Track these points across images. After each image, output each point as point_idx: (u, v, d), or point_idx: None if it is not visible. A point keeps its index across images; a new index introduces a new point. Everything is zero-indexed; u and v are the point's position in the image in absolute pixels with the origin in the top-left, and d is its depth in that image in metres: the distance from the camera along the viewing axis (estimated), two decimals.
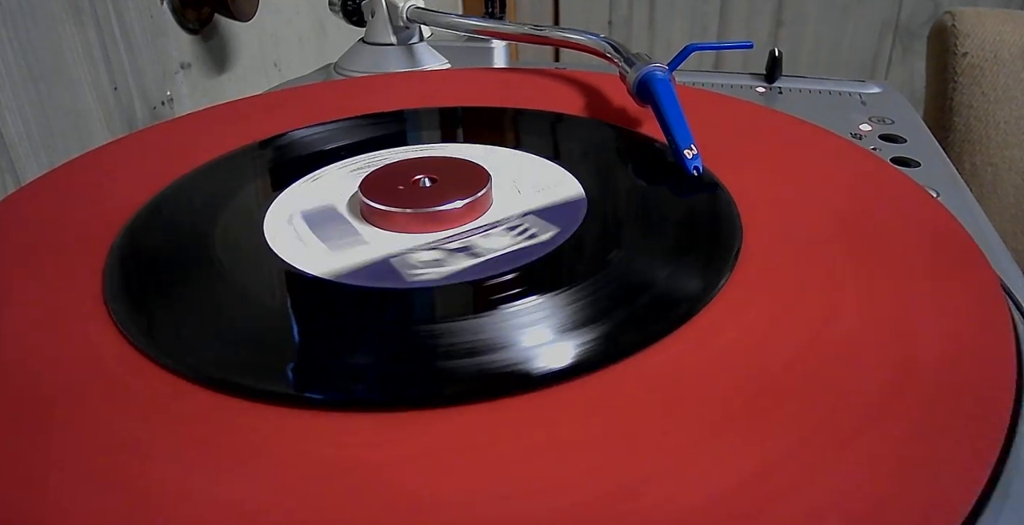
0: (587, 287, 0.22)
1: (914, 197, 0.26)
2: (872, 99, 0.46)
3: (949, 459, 0.16)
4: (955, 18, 0.66)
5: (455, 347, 0.19)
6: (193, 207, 0.27)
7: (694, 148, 0.28)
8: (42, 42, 0.41)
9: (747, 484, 0.15)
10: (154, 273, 0.24)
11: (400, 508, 0.15)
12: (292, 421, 0.18)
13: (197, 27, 0.53)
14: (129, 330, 0.21)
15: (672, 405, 0.18)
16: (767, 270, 0.22)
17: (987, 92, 0.65)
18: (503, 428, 0.17)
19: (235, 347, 0.20)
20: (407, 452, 0.17)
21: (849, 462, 0.16)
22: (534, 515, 0.15)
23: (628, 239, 0.24)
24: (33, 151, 0.41)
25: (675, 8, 1.19)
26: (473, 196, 0.26)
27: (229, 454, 0.17)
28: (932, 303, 0.21)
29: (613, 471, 0.16)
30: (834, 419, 0.17)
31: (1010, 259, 0.28)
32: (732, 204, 0.26)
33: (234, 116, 0.36)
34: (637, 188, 0.28)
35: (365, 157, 0.31)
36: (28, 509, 0.16)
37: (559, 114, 0.35)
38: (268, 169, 0.30)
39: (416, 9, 0.47)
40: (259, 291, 0.22)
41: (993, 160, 0.66)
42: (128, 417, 0.18)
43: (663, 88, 0.31)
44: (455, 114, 0.35)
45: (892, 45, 1.15)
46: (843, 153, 0.30)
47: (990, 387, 0.18)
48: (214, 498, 0.16)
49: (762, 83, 0.49)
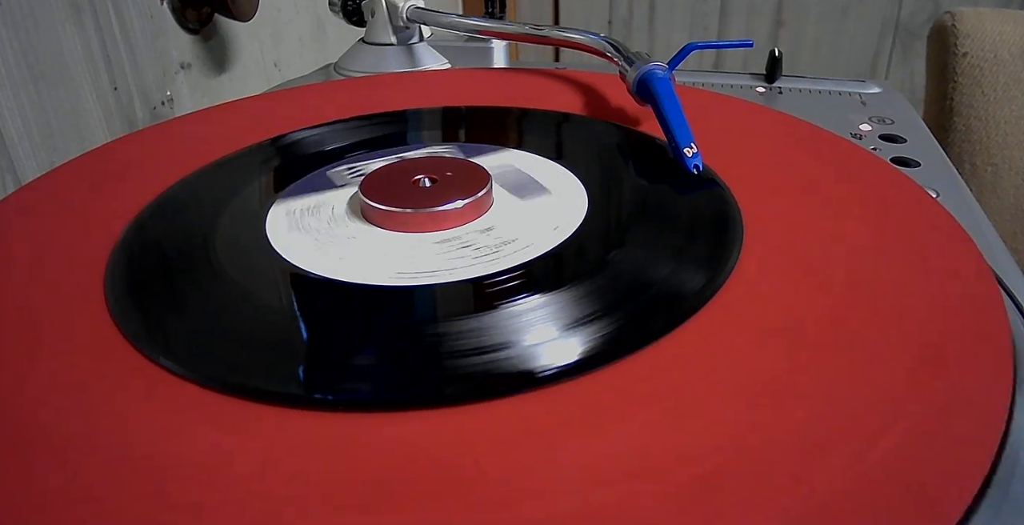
0: (588, 286, 0.22)
1: (914, 197, 0.26)
2: (872, 99, 0.46)
3: (948, 458, 0.16)
4: (955, 18, 0.66)
5: (460, 346, 0.19)
6: (194, 207, 0.27)
7: (694, 146, 0.28)
8: (42, 42, 0.41)
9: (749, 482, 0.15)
10: (155, 274, 0.24)
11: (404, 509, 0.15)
12: (298, 421, 0.18)
13: (197, 27, 0.53)
14: (130, 330, 0.21)
15: (673, 404, 0.18)
16: (768, 268, 0.23)
17: (987, 92, 0.65)
18: (505, 427, 0.17)
19: (238, 348, 0.20)
20: (411, 452, 0.17)
21: (849, 461, 0.16)
22: (533, 516, 0.15)
23: (629, 237, 0.24)
24: (33, 151, 0.41)
25: (675, 8, 1.19)
26: (473, 196, 0.26)
27: (230, 454, 0.17)
28: (932, 303, 0.21)
29: (617, 471, 0.16)
30: (834, 418, 0.17)
31: (1010, 259, 0.28)
32: (733, 202, 0.26)
33: (234, 116, 0.36)
34: (638, 186, 0.28)
35: (365, 157, 0.31)
36: (27, 514, 0.16)
37: (559, 113, 0.35)
38: (269, 169, 0.30)
39: (416, 9, 0.47)
40: (261, 291, 0.22)
41: (993, 160, 0.66)
42: (129, 417, 0.18)
43: (663, 87, 0.31)
44: (455, 114, 0.35)
45: (892, 45, 1.15)
46: (843, 153, 0.30)
47: (989, 387, 0.18)
48: (215, 496, 0.16)
49: (762, 83, 0.49)
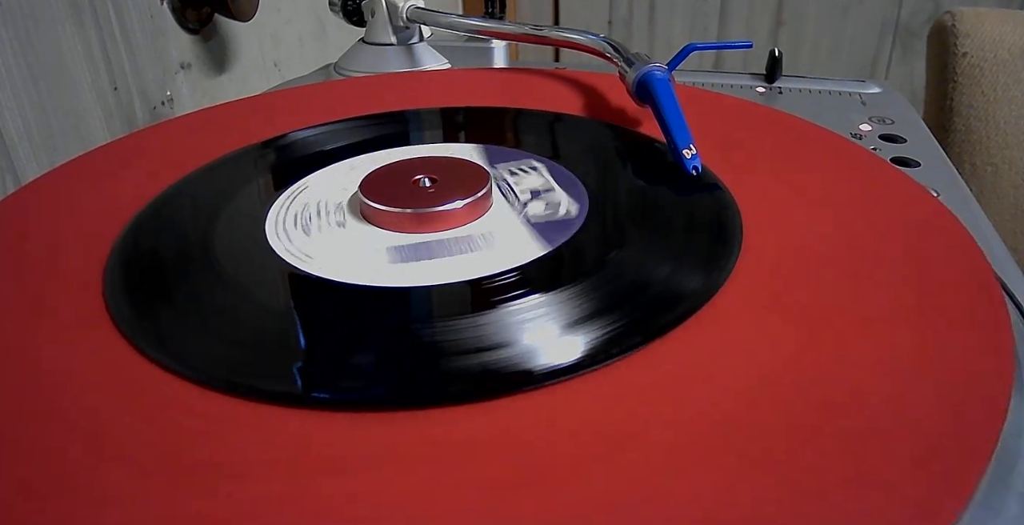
0: (587, 286, 0.22)
1: (914, 197, 0.26)
2: (872, 99, 0.46)
3: (946, 458, 0.16)
4: (955, 18, 0.66)
5: (458, 346, 0.19)
6: (194, 208, 0.27)
7: (693, 148, 0.28)
8: (42, 42, 0.41)
9: (746, 482, 0.15)
10: (156, 274, 0.24)
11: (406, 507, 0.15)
12: (297, 421, 0.18)
13: (197, 27, 0.53)
14: (130, 330, 0.21)
15: (671, 405, 0.18)
16: (767, 269, 0.23)
17: (987, 92, 0.65)
18: (506, 426, 0.17)
19: (238, 348, 0.20)
20: (414, 451, 0.17)
21: (848, 462, 0.16)
22: (535, 517, 0.15)
23: (628, 238, 0.24)
24: (33, 151, 0.41)
25: (675, 8, 1.19)
26: (473, 196, 0.26)
27: (232, 455, 0.17)
28: (932, 303, 0.21)
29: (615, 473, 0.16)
30: (832, 418, 0.17)
31: (1010, 259, 0.28)
32: (732, 203, 0.26)
33: (234, 116, 0.36)
34: (637, 188, 0.28)
35: (365, 157, 0.31)
36: (26, 516, 0.16)
37: (559, 114, 0.35)
38: (269, 169, 0.30)
39: (416, 9, 0.47)
40: (261, 292, 0.22)
41: (993, 160, 0.66)
42: (129, 417, 0.18)
43: (662, 88, 0.31)
44: (455, 114, 0.35)
45: (892, 45, 1.15)
46: (843, 153, 0.30)
47: (988, 387, 0.18)
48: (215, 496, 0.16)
49: (762, 83, 0.49)
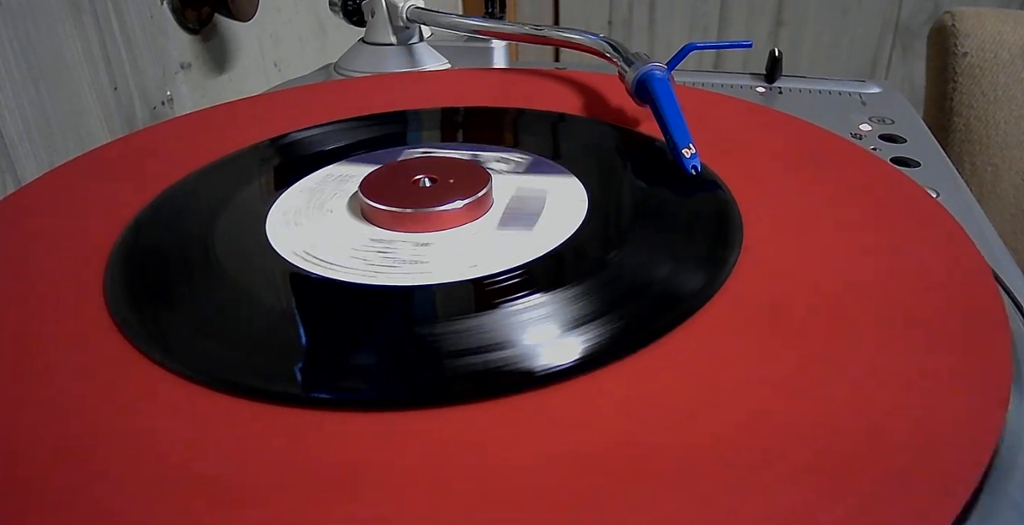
0: (587, 286, 0.22)
1: (914, 197, 0.26)
2: (872, 99, 0.46)
3: (945, 458, 0.16)
4: (955, 18, 0.66)
5: (459, 345, 0.19)
6: (194, 207, 0.27)
7: (692, 147, 0.28)
8: (42, 42, 0.41)
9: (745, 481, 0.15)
10: (156, 274, 0.24)
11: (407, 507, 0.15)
12: (297, 421, 0.18)
13: (197, 27, 0.53)
14: (130, 330, 0.21)
15: (671, 404, 0.18)
16: (767, 268, 0.22)
17: (987, 92, 0.65)
18: (506, 426, 0.17)
19: (239, 348, 0.20)
20: (414, 451, 0.17)
21: (846, 462, 0.16)
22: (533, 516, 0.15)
23: (628, 238, 0.24)
24: (33, 151, 0.41)
25: (675, 8, 1.19)
26: (473, 196, 0.26)
27: (233, 456, 0.17)
28: (931, 303, 0.21)
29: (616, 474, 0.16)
30: (832, 419, 0.17)
31: (1010, 259, 0.28)
32: (732, 202, 0.26)
33: (234, 116, 0.36)
34: (637, 187, 0.28)
35: (364, 157, 0.31)
36: (26, 517, 0.16)
37: (559, 114, 0.35)
38: (269, 169, 0.30)
39: (416, 9, 0.47)
40: (262, 292, 0.22)
41: (993, 160, 0.66)
42: (128, 417, 0.18)
43: (661, 87, 0.31)
44: (455, 114, 0.35)
45: (892, 45, 1.15)
46: (843, 153, 0.30)
47: (988, 387, 0.18)
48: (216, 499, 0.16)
49: (762, 83, 0.49)
